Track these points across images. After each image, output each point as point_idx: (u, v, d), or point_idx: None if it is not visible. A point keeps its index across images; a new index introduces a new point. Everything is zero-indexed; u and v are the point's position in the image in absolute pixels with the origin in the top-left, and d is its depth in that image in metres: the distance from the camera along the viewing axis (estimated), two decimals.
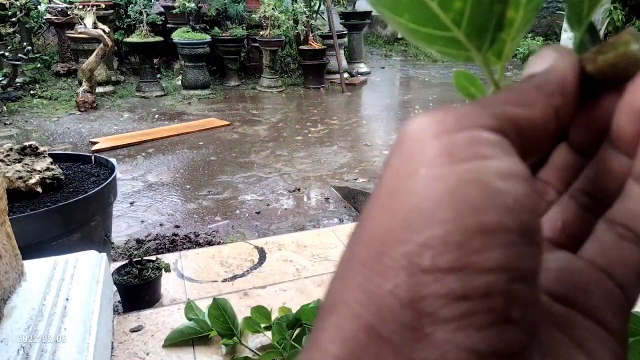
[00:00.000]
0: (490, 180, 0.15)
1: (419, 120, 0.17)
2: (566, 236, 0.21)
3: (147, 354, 1.50)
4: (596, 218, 0.20)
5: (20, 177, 1.79)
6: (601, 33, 6.61)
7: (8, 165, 1.80)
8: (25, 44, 5.49)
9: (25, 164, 1.84)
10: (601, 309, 0.18)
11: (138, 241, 2.61)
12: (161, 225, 2.83)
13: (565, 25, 6.93)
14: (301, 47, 6.36)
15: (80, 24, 5.23)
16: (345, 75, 6.58)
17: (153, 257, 1.91)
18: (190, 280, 1.95)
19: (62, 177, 1.93)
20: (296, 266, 2.03)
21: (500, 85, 0.22)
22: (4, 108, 5.12)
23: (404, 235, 0.15)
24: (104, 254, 1.61)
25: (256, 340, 1.53)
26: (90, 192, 1.81)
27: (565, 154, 0.22)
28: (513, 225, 0.15)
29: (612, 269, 0.19)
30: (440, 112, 0.17)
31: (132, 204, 3.12)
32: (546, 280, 0.19)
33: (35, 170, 1.83)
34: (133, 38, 5.79)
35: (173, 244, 2.58)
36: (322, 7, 6.61)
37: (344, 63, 6.76)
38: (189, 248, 2.48)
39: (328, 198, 3.22)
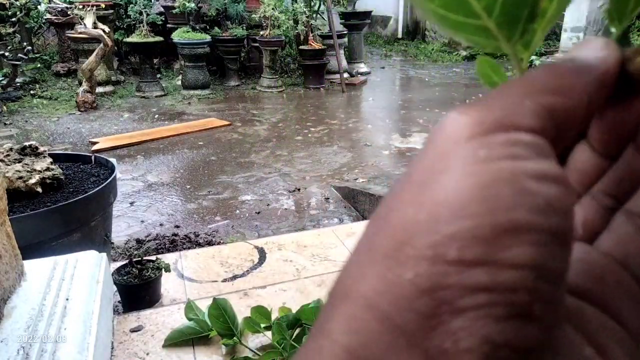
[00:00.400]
0: (523, 180, 0.15)
1: (457, 119, 0.17)
2: (586, 231, 0.21)
3: (147, 354, 1.50)
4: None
5: (20, 177, 1.79)
6: (601, 33, 6.61)
7: (8, 165, 1.80)
8: (25, 44, 5.49)
9: (25, 164, 1.84)
10: (617, 302, 0.18)
11: (138, 241, 2.61)
12: (161, 225, 2.83)
13: (565, 25, 6.93)
14: (301, 47, 6.36)
15: (80, 24, 5.23)
16: (345, 75, 6.58)
17: (153, 257, 1.91)
18: (190, 280, 1.95)
19: (62, 177, 1.93)
20: (296, 266, 2.03)
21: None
22: (4, 108, 5.12)
23: (431, 227, 0.15)
24: (104, 254, 1.61)
25: (256, 340, 1.53)
26: (90, 192, 1.81)
27: (585, 156, 0.22)
28: (543, 225, 0.15)
29: (629, 260, 0.19)
30: (478, 109, 0.17)
31: (132, 204, 3.12)
32: None
33: (35, 170, 1.83)
34: (133, 38, 5.79)
35: (173, 244, 2.58)
36: (322, 7, 6.61)
37: (344, 63, 6.76)
38: (189, 248, 2.48)
39: (328, 198, 3.22)
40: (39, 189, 1.82)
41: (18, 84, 5.62)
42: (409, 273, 0.15)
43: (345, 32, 7.00)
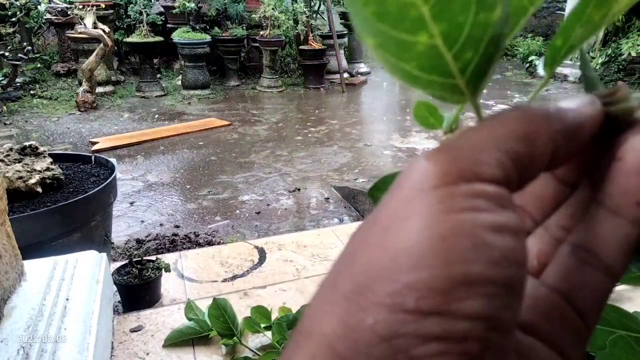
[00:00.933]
0: (481, 232, 0.16)
1: (423, 166, 0.17)
2: (539, 264, 0.22)
3: (147, 354, 1.50)
4: None
5: (20, 177, 1.79)
6: (601, 33, 6.60)
7: (8, 165, 1.80)
8: (25, 44, 5.49)
9: (25, 164, 1.84)
10: (559, 336, 0.19)
11: (138, 241, 2.61)
12: (161, 225, 2.83)
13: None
14: (301, 47, 6.36)
15: (80, 24, 5.23)
16: (345, 75, 6.58)
17: (153, 257, 1.91)
18: (190, 280, 1.95)
19: (62, 177, 1.93)
20: (296, 266, 2.03)
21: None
22: (4, 108, 5.12)
23: (392, 275, 0.16)
24: (104, 254, 1.61)
25: (256, 340, 1.53)
26: (90, 192, 1.81)
27: (545, 182, 0.22)
28: (497, 278, 0.16)
29: (572, 294, 0.19)
30: (445, 157, 0.17)
31: (132, 204, 3.12)
32: None
33: (35, 170, 1.83)
34: (133, 38, 5.79)
35: (173, 244, 2.58)
36: (322, 7, 6.61)
37: (344, 63, 6.76)
38: (189, 248, 2.48)
39: (328, 198, 3.21)
40: (39, 189, 1.82)
41: (18, 84, 5.62)
42: (369, 319, 0.15)
43: (345, 32, 7.00)
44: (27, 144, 1.93)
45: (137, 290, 1.77)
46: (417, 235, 0.16)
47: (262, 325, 1.50)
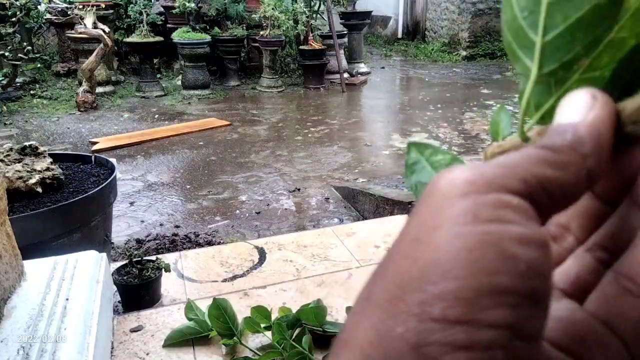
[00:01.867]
0: (507, 244, 0.16)
1: (451, 176, 0.18)
2: (578, 288, 0.21)
3: (147, 354, 1.50)
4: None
5: (20, 177, 1.79)
6: None
7: (8, 165, 1.80)
8: (25, 44, 5.49)
9: (25, 164, 1.84)
10: None
11: (138, 241, 2.61)
12: (161, 225, 2.83)
13: None
14: (301, 47, 6.36)
15: (80, 24, 5.23)
16: (345, 75, 6.58)
17: (153, 257, 1.91)
18: (190, 280, 1.95)
19: (62, 177, 1.93)
20: (296, 266, 2.03)
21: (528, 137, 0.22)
22: (4, 108, 5.12)
23: (420, 285, 0.16)
24: (104, 254, 1.61)
25: (256, 340, 1.53)
26: (90, 192, 1.81)
27: (587, 201, 0.22)
28: (522, 289, 0.16)
29: (614, 322, 0.19)
30: (472, 170, 0.18)
31: (132, 204, 3.12)
32: (548, 329, 0.19)
33: (35, 170, 1.83)
34: (133, 38, 5.79)
35: (173, 244, 2.58)
36: (322, 7, 6.61)
37: (344, 63, 6.76)
38: (189, 248, 2.48)
39: (328, 198, 3.22)
40: (39, 189, 1.82)
41: (18, 84, 5.62)
42: (400, 327, 0.16)
43: (345, 32, 7.00)
44: (27, 144, 1.93)
45: (137, 290, 1.77)
46: (445, 246, 0.17)
47: (262, 325, 1.50)
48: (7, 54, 5.09)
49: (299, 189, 3.33)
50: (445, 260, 0.16)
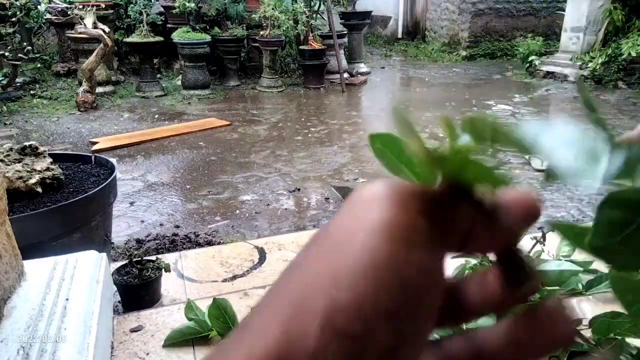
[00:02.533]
0: (406, 270, 0.18)
1: (374, 188, 0.20)
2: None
3: (147, 354, 1.50)
4: None
5: (20, 177, 1.79)
6: (601, 33, 6.60)
7: (8, 165, 1.80)
8: (25, 44, 5.49)
9: (25, 164, 1.84)
10: None
11: (138, 241, 2.61)
12: (161, 225, 2.83)
13: (565, 25, 6.92)
14: (301, 47, 6.36)
15: (80, 24, 5.23)
16: (345, 75, 6.58)
17: (153, 257, 1.91)
18: (190, 280, 1.95)
19: (62, 177, 1.93)
20: None
21: None
22: (4, 108, 5.12)
23: (329, 288, 0.18)
24: (104, 254, 1.61)
25: None
26: (90, 192, 1.81)
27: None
28: (412, 312, 0.18)
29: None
30: (394, 187, 0.20)
31: (132, 204, 3.12)
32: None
33: (35, 170, 1.83)
34: (133, 38, 5.79)
35: (173, 244, 2.58)
36: (322, 7, 6.61)
37: (344, 63, 6.76)
38: (189, 248, 2.48)
39: (328, 198, 3.22)
40: (39, 189, 1.82)
41: (18, 84, 5.62)
42: (305, 329, 0.17)
43: (345, 32, 7.00)
44: (27, 144, 1.93)
45: (137, 290, 1.77)
46: (356, 256, 0.18)
47: None
48: (7, 54, 5.09)
49: (299, 189, 3.33)
50: (353, 271, 0.17)
